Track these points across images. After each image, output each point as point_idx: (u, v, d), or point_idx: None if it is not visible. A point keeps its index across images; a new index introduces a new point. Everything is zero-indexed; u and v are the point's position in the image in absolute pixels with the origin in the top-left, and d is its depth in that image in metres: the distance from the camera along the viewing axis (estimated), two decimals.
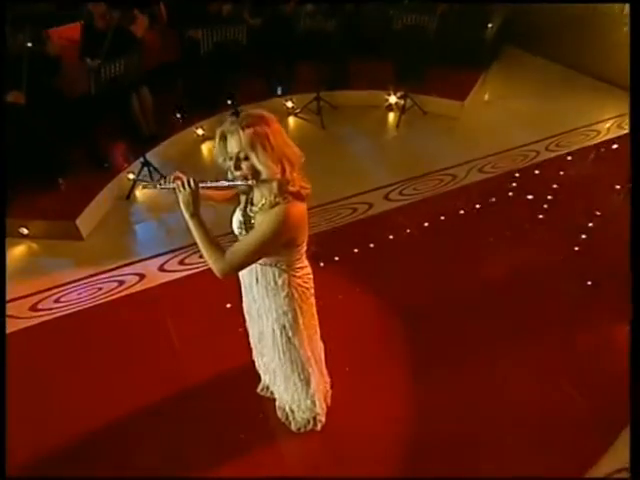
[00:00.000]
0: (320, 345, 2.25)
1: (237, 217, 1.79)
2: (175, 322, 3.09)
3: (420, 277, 3.32)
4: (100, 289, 3.39)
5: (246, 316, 2.18)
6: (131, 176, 4.42)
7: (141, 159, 4.35)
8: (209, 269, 1.64)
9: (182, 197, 1.57)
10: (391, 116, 5.38)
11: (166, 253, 3.67)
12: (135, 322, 3.13)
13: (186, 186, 1.56)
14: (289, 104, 5.42)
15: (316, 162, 1.99)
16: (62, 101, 4.25)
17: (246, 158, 1.55)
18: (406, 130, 5.11)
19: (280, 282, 1.85)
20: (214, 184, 1.61)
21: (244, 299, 2.10)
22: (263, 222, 1.62)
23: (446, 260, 3.46)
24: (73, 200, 3.95)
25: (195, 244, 1.64)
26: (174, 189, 1.59)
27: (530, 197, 4.03)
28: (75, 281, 3.46)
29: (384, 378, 2.70)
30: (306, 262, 1.91)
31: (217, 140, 1.61)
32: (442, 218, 3.86)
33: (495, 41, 6.13)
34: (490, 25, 5.65)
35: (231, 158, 1.58)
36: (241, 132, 1.52)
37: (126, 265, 3.59)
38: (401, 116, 5.22)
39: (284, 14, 5.25)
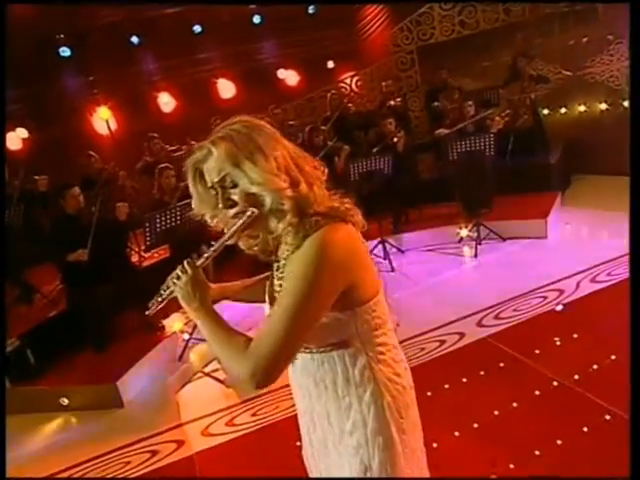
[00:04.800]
0: None
1: (267, 296, 1.20)
2: None
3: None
4: (128, 463, 2.67)
5: (303, 453, 1.27)
6: (186, 336, 4.02)
7: None
8: (261, 428, 1.08)
9: (179, 290, 1.07)
10: (466, 249, 4.86)
11: (212, 414, 2.97)
12: None
13: (179, 274, 1.07)
14: None
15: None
16: (126, 268, 4.26)
17: (234, 186, 1.03)
18: (487, 257, 4.50)
19: (356, 374, 1.07)
20: (215, 248, 1.09)
21: (299, 416, 1.25)
22: (291, 272, 1.01)
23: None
24: (117, 362, 3.55)
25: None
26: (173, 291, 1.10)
27: None
28: (100, 456, 2.78)
29: None
30: (393, 336, 1.14)
31: (191, 183, 1.09)
32: (558, 343, 2.94)
33: (563, 169, 5.84)
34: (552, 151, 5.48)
35: (216, 195, 1.06)
36: (213, 149, 1.02)
37: (164, 432, 2.90)
38: (477, 246, 4.69)
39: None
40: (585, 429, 2.23)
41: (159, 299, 1.14)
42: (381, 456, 1.06)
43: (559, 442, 2.19)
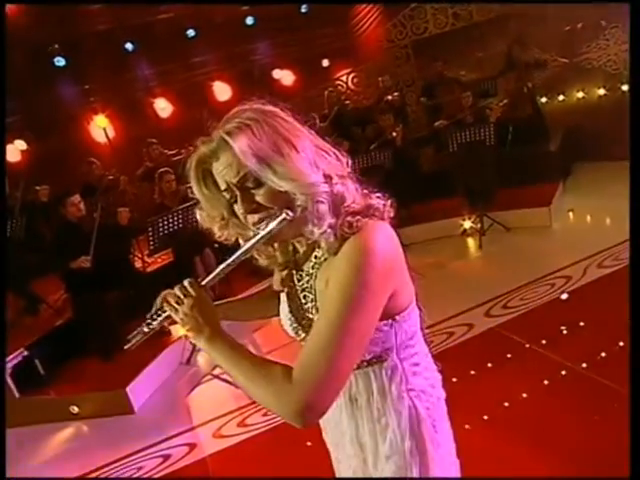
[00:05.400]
0: None
1: (284, 310, 1.03)
2: None
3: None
4: (140, 468, 2.66)
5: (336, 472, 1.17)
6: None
7: None
8: (273, 428, 1.09)
9: (183, 317, 0.89)
10: (470, 240, 4.84)
11: (224, 415, 2.96)
12: None
13: (181, 296, 0.90)
14: None
15: None
16: (131, 273, 4.25)
17: (258, 184, 0.86)
18: (491, 248, 4.49)
19: (394, 389, 0.97)
20: (229, 262, 0.91)
21: (325, 436, 1.15)
22: (334, 279, 0.86)
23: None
24: (126, 368, 3.53)
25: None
26: (169, 317, 0.94)
27: None
28: (112, 463, 2.77)
29: None
30: (424, 343, 1.05)
31: (196, 186, 0.92)
32: (564, 332, 2.91)
33: (563, 156, 5.81)
34: (552, 139, 5.45)
35: (233, 198, 0.89)
36: (230, 140, 0.84)
37: (175, 436, 2.89)
38: (481, 237, 4.67)
39: None
40: (596, 417, 2.21)
41: (145, 329, 0.96)
42: (418, 473, 0.99)
43: (571, 431, 2.17)
